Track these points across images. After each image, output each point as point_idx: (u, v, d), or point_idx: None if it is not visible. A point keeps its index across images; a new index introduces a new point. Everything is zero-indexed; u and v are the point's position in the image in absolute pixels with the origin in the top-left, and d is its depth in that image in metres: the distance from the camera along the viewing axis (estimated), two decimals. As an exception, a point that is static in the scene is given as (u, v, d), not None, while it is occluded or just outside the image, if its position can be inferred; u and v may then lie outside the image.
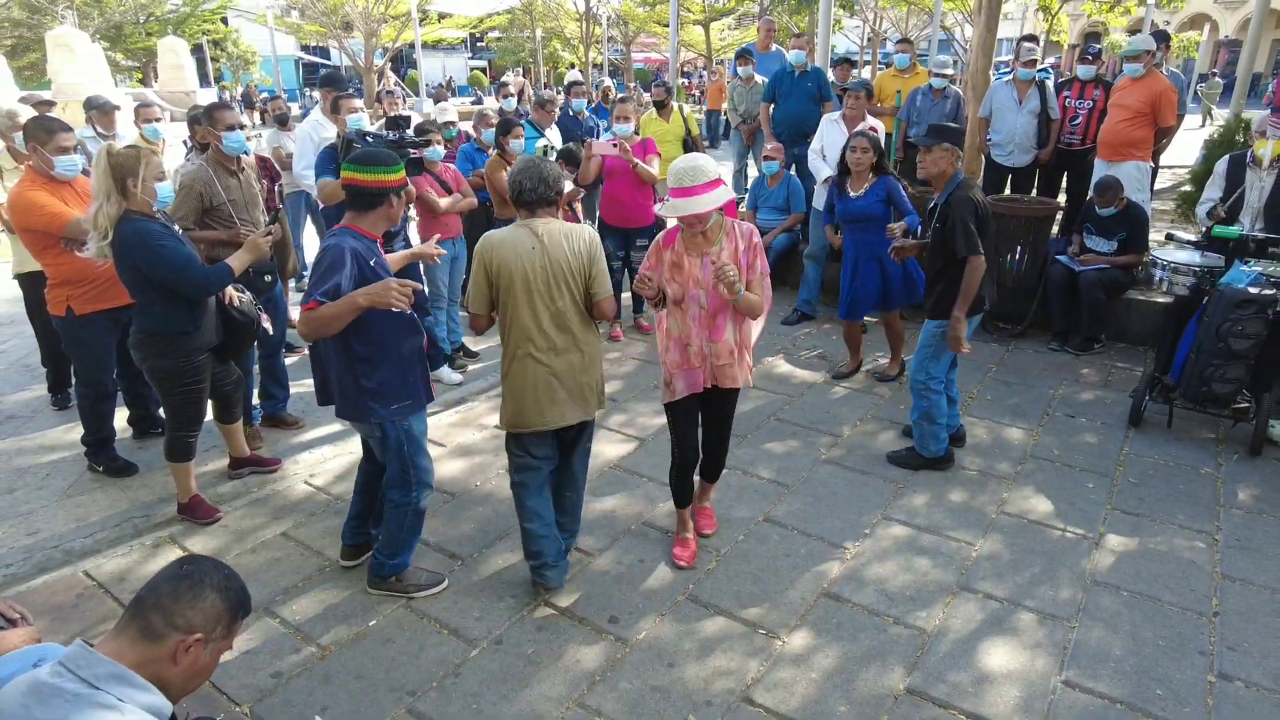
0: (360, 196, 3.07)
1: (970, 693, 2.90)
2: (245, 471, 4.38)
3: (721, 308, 3.27)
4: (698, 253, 3.26)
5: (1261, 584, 3.47)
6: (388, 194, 3.11)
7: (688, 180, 3.05)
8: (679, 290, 3.28)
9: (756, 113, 8.23)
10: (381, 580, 3.44)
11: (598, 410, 3.40)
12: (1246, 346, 4.39)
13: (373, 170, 3.04)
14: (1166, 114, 6.29)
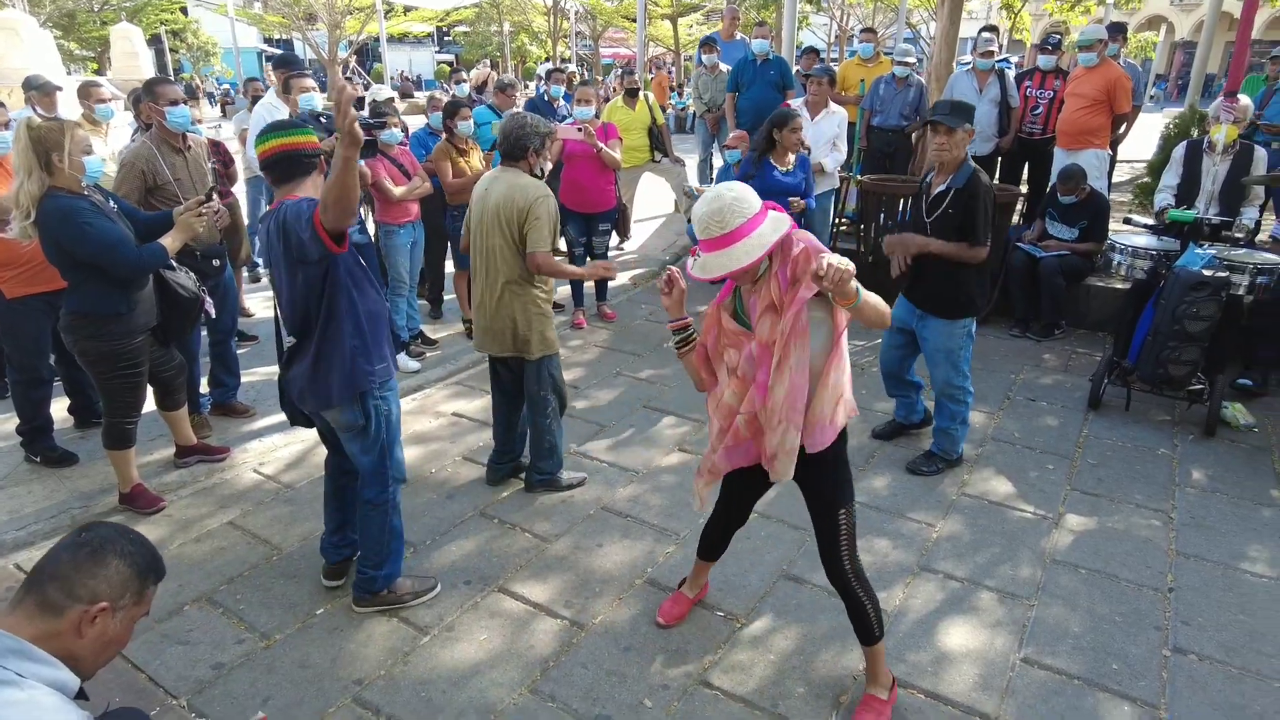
0: (294, 162, 2.80)
1: (929, 671, 2.87)
2: (192, 460, 4.23)
3: (765, 356, 2.40)
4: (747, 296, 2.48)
5: (1215, 560, 3.49)
6: (319, 156, 2.87)
7: (716, 228, 2.23)
8: (734, 357, 2.49)
9: (721, 101, 8.19)
10: (373, 596, 3.14)
11: (527, 358, 3.74)
12: (1201, 329, 4.43)
13: (294, 134, 2.81)
14: (1122, 101, 6.36)
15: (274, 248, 2.79)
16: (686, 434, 4.60)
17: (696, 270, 2.31)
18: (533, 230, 3.55)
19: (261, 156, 2.82)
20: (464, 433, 4.64)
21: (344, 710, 2.71)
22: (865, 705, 2.64)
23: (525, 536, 3.65)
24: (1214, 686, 2.80)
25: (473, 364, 5.63)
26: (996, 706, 2.72)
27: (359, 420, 2.92)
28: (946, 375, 4.05)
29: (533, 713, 2.69)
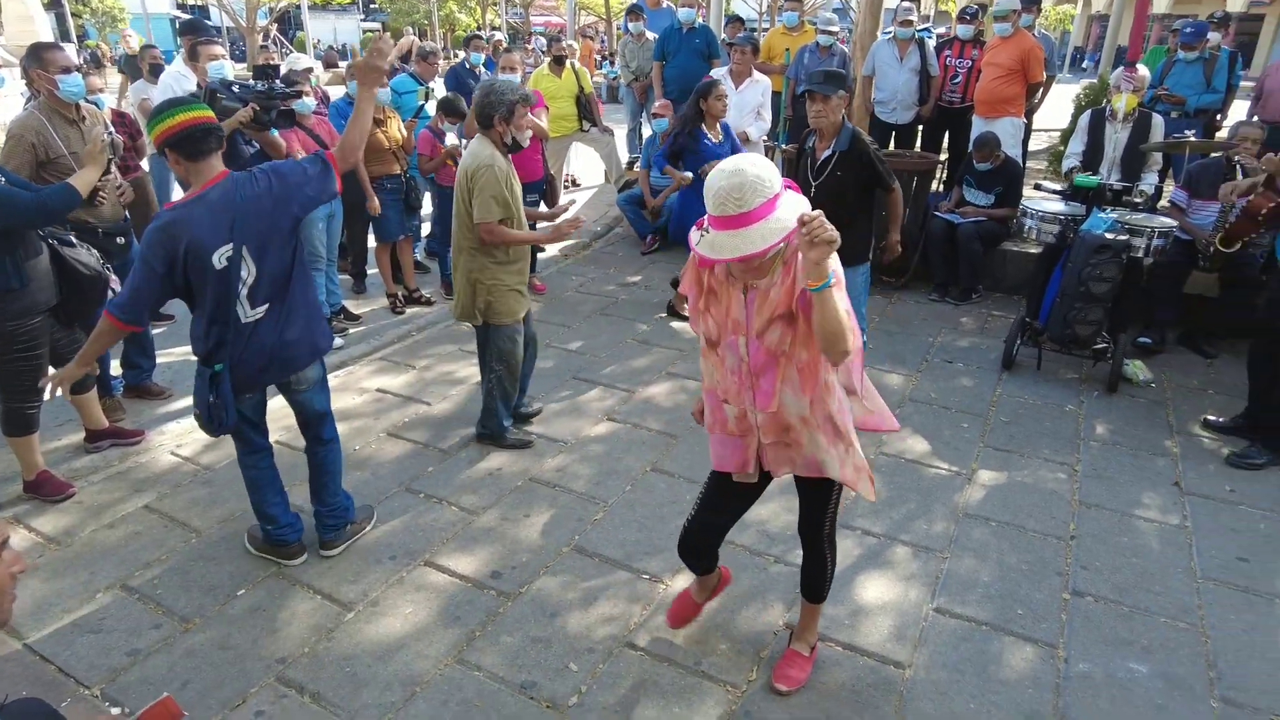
0: (203, 136, 2.70)
1: (846, 624, 2.98)
2: (105, 444, 4.09)
3: (771, 363, 2.25)
4: (741, 284, 2.26)
5: (1113, 508, 3.69)
6: (219, 129, 2.80)
7: (734, 206, 1.98)
8: (713, 329, 2.32)
9: (649, 70, 8.15)
10: (341, 531, 3.36)
11: (471, 322, 3.92)
12: (1105, 290, 4.63)
13: (190, 109, 2.69)
14: (1035, 70, 6.55)
15: (253, 223, 2.76)
16: (615, 404, 4.63)
17: (703, 248, 2.05)
18: (477, 200, 3.59)
19: (167, 133, 2.65)
20: (388, 409, 4.58)
21: (266, 690, 2.69)
22: (789, 660, 2.72)
23: (451, 510, 3.64)
24: (1107, 624, 2.98)
25: (398, 339, 5.55)
26: (910, 655, 2.84)
27: (322, 371, 3.22)
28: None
29: (458, 682, 2.71)
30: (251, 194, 2.77)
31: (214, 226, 2.72)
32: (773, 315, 2.19)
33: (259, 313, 2.88)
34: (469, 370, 5.06)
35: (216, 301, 2.79)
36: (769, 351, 2.23)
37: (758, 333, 2.22)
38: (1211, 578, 3.25)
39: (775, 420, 2.30)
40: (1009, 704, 2.64)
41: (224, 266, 2.74)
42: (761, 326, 2.21)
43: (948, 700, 2.66)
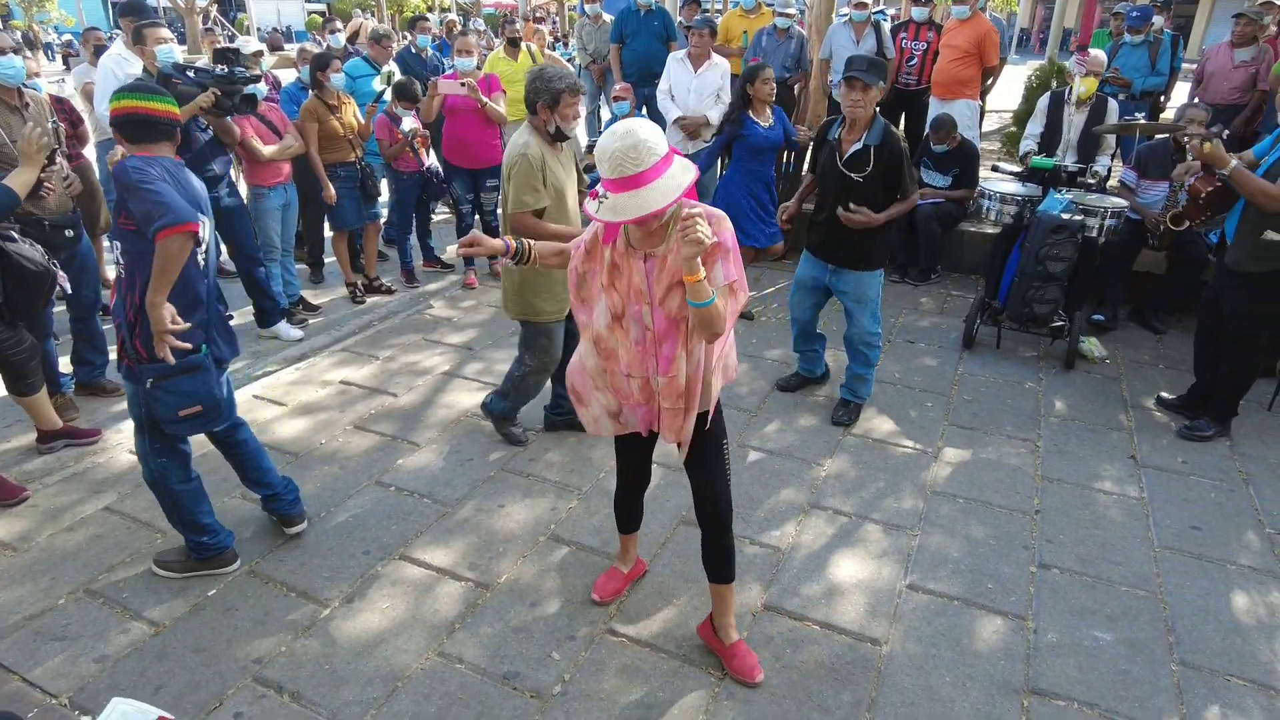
0: (151, 127, 2.72)
1: (822, 603, 3.03)
2: (59, 445, 3.96)
3: (672, 329, 2.32)
4: (642, 253, 2.31)
5: (1074, 482, 3.80)
6: (176, 125, 2.82)
7: (630, 166, 2.06)
8: (618, 302, 2.37)
9: (606, 52, 8.08)
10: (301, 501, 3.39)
11: (512, 316, 3.77)
12: (1061, 269, 4.75)
13: (155, 99, 2.73)
14: (990, 53, 6.66)
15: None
16: (584, 391, 4.61)
17: (605, 214, 2.11)
18: (511, 190, 3.47)
19: (113, 113, 2.70)
20: (353, 401, 4.51)
21: (244, 690, 2.64)
22: (740, 653, 2.70)
23: (424, 503, 3.61)
24: (1072, 595, 3.08)
25: (360, 329, 5.45)
26: (885, 631, 2.91)
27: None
28: (865, 324, 4.21)
29: (440, 675, 2.69)
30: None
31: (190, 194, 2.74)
32: (672, 281, 2.27)
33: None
34: (434, 360, 5.00)
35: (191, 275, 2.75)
36: (669, 318, 2.31)
37: (660, 299, 2.30)
38: (1168, 546, 3.37)
39: (673, 385, 2.38)
40: (983, 675, 2.72)
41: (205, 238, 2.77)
42: (663, 293, 2.29)
43: (924, 674, 2.72)
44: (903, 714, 2.57)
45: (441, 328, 5.52)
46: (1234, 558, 3.31)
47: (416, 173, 5.91)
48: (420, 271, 6.44)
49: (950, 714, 2.58)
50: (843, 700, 2.62)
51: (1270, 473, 3.90)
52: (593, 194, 2.16)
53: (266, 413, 4.35)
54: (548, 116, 3.45)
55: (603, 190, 2.12)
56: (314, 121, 5.30)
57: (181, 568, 3.14)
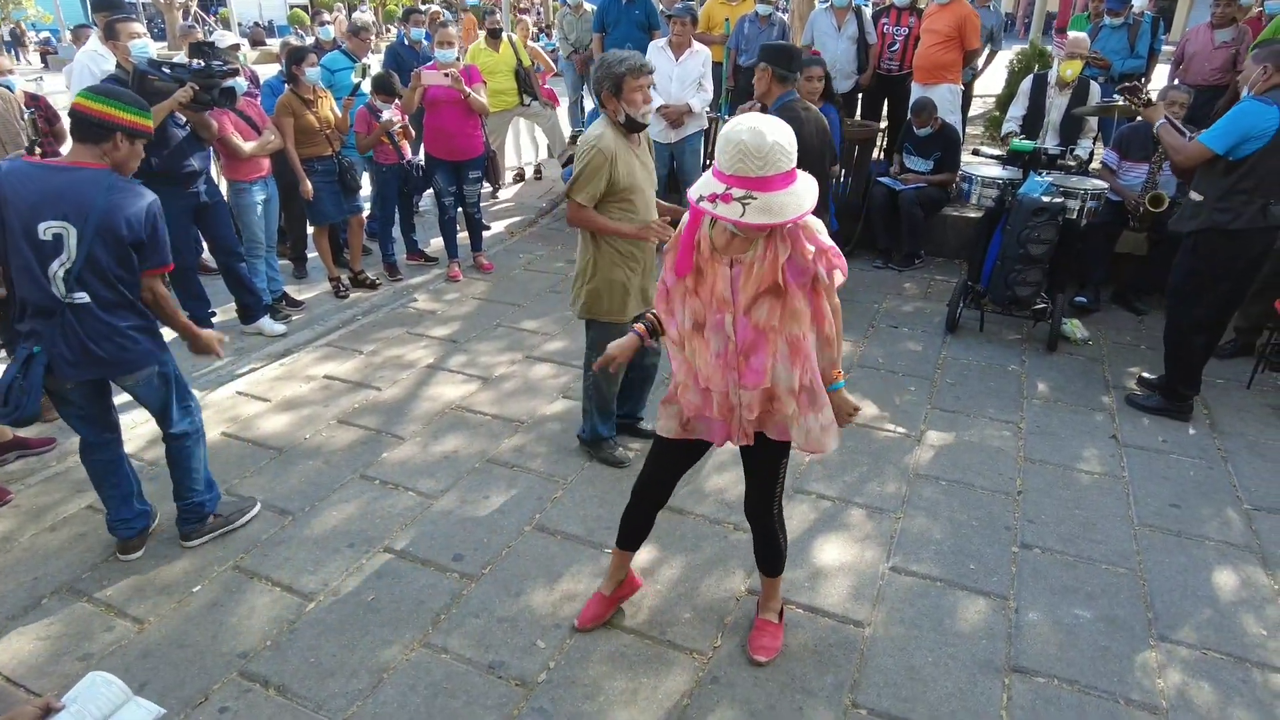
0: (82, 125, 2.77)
1: (806, 587, 3.05)
2: (10, 457, 3.87)
3: (760, 342, 2.23)
4: (728, 259, 2.20)
5: (1056, 463, 3.83)
6: (115, 130, 2.78)
7: (785, 160, 1.96)
8: (700, 310, 2.26)
9: (588, 42, 8.05)
10: (201, 525, 3.29)
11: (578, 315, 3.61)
12: (1042, 251, 4.77)
13: (105, 102, 2.77)
14: (971, 37, 6.65)
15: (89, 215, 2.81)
16: (569, 382, 4.62)
17: (757, 216, 1.94)
18: (574, 174, 3.30)
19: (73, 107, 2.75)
20: (337, 396, 4.50)
21: (229, 685, 2.64)
22: (761, 630, 2.77)
23: (409, 495, 3.61)
24: (1054, 574, 3.11)
25: (342, 324, 5.43)
26: (869, 613, 2.93)
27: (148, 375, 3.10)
28: None
29: (426, 666, 2.70)
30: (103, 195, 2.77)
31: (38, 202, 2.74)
32: (759, 289, 2.16)
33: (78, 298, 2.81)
34: (418, 353, 4.99)
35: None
36: (757, 328, 2.20)
37: (745, 309, 2.19)
38: (1147, 524, 3.40)
39: (764, 395, 2.29)
40: (965, 655, 2.74)
41: (47, 240, 2.73)
42: (748, 302, 2.18)
43: (907, 655, 2.75)
44: (885, 694, 2.60)
45: (425, 321, 5.50)
46: (1212, 534, 3.35)
47: (396, 165, 5.88)
48: (403, 265, 6.42)
49: (932, 693, 2.60)
50: (826, 682, 2.64)
51: (1249, 450, 3.94)
52: (724, 197, 1.97)
53: (250, 409, 4.34)
54: (614, 105, 3.20)
55: (739, 190, 1.96)
56: (289, 116, 5.26)
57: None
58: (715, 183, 2.00)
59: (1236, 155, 3.73)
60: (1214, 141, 3.74)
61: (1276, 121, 3.63)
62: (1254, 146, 3.69)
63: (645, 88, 3.15)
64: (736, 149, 1.94)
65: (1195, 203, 3.92)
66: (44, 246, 2.73)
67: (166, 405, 3.13)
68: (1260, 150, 3.69)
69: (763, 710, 2.54)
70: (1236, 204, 3.80)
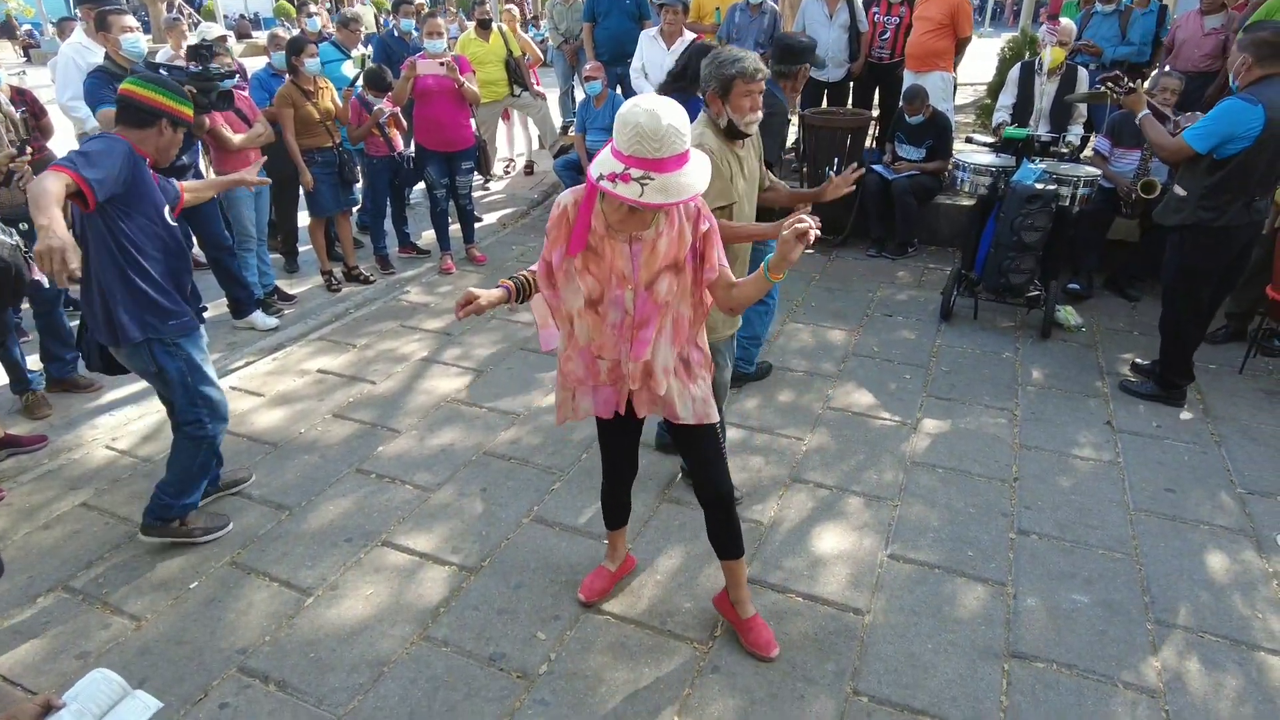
0: (130, 110, 2.88)
1: (805, 575, 3.06)
2: (2, 455, 3.82)
3: (655, 313, 2.33)
4: (625, 236, 2.26)
5: (1051, 449, 3.84)
6: (160, 116, 2.92)
7: (679, 143, 2.00)
8: (595, 287, 2.32)
9: (578, 32, 8.00)
10: (163, 525, 3.22)
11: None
12: (1036, 239, 4.77)
13: (153, 89, 2.91)
14: (963, 25, 6.64)
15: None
16: (565, 373, 4.61)
17: (655, 195, 1.99)
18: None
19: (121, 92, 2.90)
20: (331, 389, 4.47)
21: (229, 681, 2.64)
22: (756, 627, 2.70)
23: (406, 489, 3.60)
24: (1051, 560, 3.12)
25: (335, 318, 5.41)
26: (868, 601, 2.94)
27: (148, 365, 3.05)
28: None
29: (426, 659, 2.70)
30: None
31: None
32: (661, 266, 2.26)
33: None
34: (411, 346, 4.97)
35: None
36: (655, 303, 2.31)
37: (646, 284, 2.28)
38: (1143, 509, 3.42)
39: (645, 368, 2.40)
40: (964, 641, 2.75)
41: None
42: (650, 277, 2.27)
43: (906, 642, 2.76)
44: (886, 681, 2.61)
45: (419, 314, 5.48)
46: (1207, 518, 3.37)
47: (387, 157, 5.84)
48: (396, 258, 6.38)
49: (933, 680, 2.61)
50: (826, 670, 2.64)
51: (1241, 434, 3.97)
52: (623, 177, 2.00)
53: (244, 403, 4.31)
54: (718, 107, 2.84)
55: (637, 170, 1.98)
56: (289, 107, 5.22)
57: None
58: (614, 162, 2.02)
59: (1221, 154, 3.70)
60: (1197, 141, 3.72)
61: (1261, 121, 3.58)
62: (1239, 146, 3.65)
63: (755, 94, 2.80)
64: (634, 130, 1.97)
65: (1179, 197, 3.92)
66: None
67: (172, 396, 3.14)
68: (1245, 150, 3.65)
69: (764, 699, 2.54)
70: (1221, 201, 3.79)
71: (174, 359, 3.01)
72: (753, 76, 2.76)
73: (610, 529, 2.96)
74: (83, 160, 2.65)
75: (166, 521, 3.21)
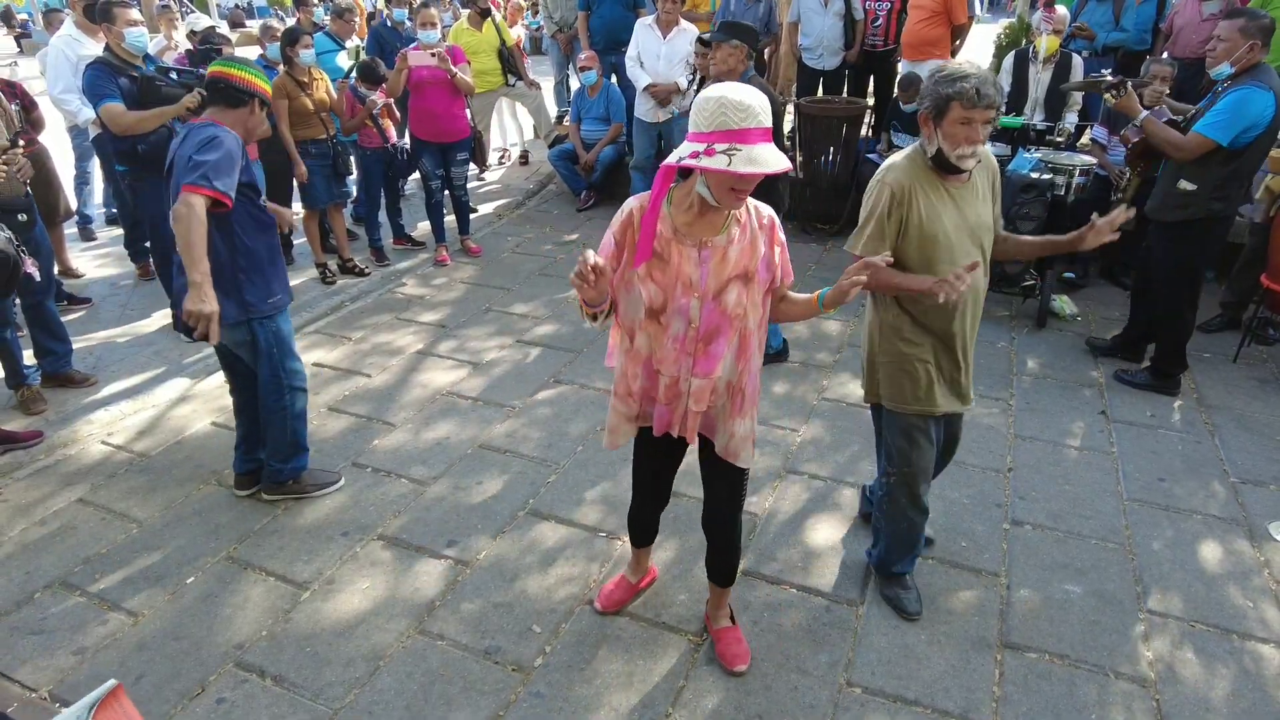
0: (225, 91, 3.00)
1: (799, 567, 3.07)
2: None
3: (723, 328, 2.17)
4: (694, 240, 2.11)
5: (1046, 439, 3.85)
6: (254, 96, 3.07)
7: (753, 117, 1.88)
8: (658, 295, 2.14)
9: (573, 21, 7.95)
10: (279, 486, 3.46)
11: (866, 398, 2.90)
12: (1031, 228, 4.76)
13: (244, 69, 3.04)
14: (958, 12, 6.61)
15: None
16: (560, 366, 4.61)
17: (743, 165, 1.86)
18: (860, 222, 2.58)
19: (213, 74, 3.02)
20: (327, 383, 4.47)
21: (226, 676, 2.65)
22: (730, 639, 2.66)
23: (401, 482, 3.60)
24: (1044, 550, 3.14)
25: (331, 310, 5.40)
26: (861, 592, 2.95)
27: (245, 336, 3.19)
28: None
29: (422, 653, 2.71)
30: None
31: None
32: (732, 275, 2.12)
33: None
34: (407, 339, 4.97)
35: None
36: (725, 314, 2.15)
37: (715, 293, 2.13)
38: (1136, 499, 3.44)
39: (708, 386, 2.23)
40: (958, 632, 2.77)
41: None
42: (719, 286, 2.12)
43: (900, 633, 2.77)
44: (879, 672, 2.62)
45: (414, 306, 5.47)
46: (1200, 508, 3.38)
47: (380, 149, 5.81)
48: (391, 250, 6.37)
49: (926, 671, 2.63)
50: (820, 661, 2.66)
51: (1235, 423, 3.98)
52: (707, 153, 1.89)
53: (239, 398, 4.31)
54: (929, 130, 2.40)
55: (721, 144, 1.88)
56: (284, 99, 5.19)
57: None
58: (694, 145, 1.93)
59: (1238, 144, 3.69)
60: (1218, 133, 3.68)
61: (1274, 107, 3.61)
62: (1255, 134, 3.66)
63: (979, 125, 2.30)
64: (718, 104, 1.89)
65: (1187, 192, 3.86)
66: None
67: (257, 366, 3.26)
68: (1258, 137, 3.67)
69: (758, 689, 2.56)
70: (1232, 190, 3.81)
71: (266, 331, 3.18)
72: (974, 101, 2.27)
73: (636, 547, 2.84)
74: (212, 172, 2.79)
75: (281, 484, 3.46)
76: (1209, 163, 3.77)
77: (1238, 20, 3.71)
